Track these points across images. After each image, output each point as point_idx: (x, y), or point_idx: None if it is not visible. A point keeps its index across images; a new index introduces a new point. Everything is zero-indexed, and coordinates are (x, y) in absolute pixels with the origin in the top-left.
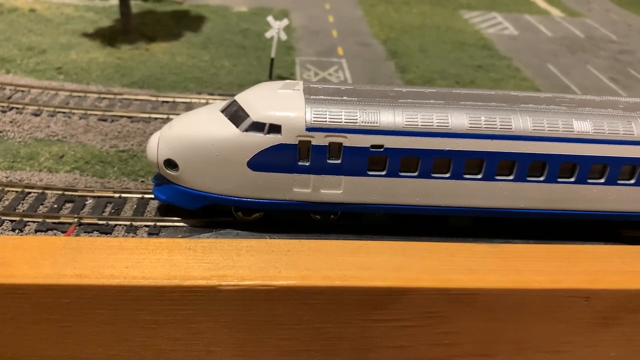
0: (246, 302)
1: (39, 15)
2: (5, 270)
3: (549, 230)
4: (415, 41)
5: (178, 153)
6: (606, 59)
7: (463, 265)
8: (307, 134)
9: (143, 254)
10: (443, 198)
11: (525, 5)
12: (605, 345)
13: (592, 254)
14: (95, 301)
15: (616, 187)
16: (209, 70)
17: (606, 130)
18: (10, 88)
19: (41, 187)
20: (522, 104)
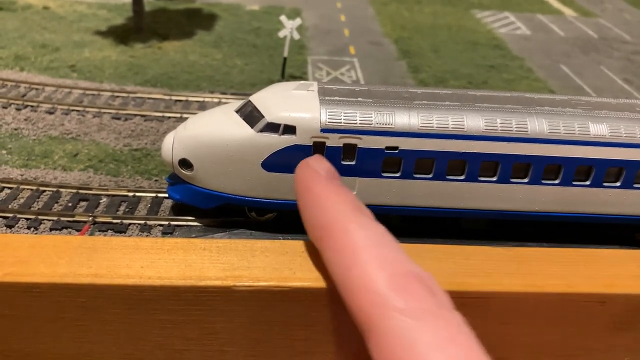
0: (260, 303)
1: (52, 13)
2: (22, 269)
3: (563, 233)
4: (427, 41)
5: (193, 153)
6: (620, 59)
7: (478, 268)
8: (321, 135)
9: (159, 254)
10: (457, 200)
11: (538, 4)
12: (620, 350)
13: (608, 258)
14: (111, 300)
15: (632, 190)
16: (222, 69)
17: (623, 133)
18: (24, 86)
19: (56, 186)
20: (538, 106)
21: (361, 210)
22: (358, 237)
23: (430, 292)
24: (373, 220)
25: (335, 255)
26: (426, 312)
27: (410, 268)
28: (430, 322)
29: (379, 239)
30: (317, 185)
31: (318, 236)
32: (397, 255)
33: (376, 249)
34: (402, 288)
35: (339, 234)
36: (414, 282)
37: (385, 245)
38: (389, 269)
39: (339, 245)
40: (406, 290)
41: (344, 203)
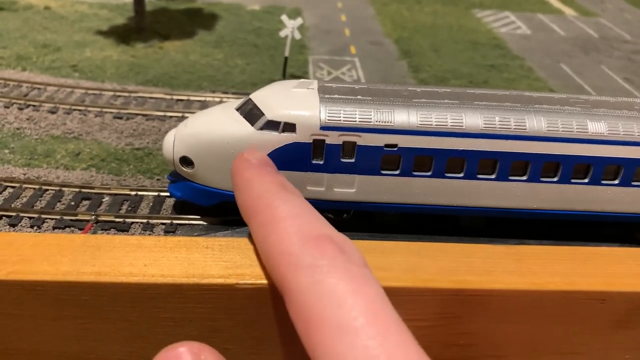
0: (263, 301)
1: (53, 13)
2: (26, 267)
3: (563, 231)
4: (427, 40)
5: (193, 151)
6: (620, 59)
7: (479, 266)
8: (321, 132)
9: (161, 252)
10: (456, 198)
11: (538, 4)
12: (620, 348)
13: (608, 256)
14: (114, 299)
15: (630, 188)
16: (223, 68)
17: (621, 132)
18: (26, 85)
19: (58, 185)
20: (537, 104)
21: (286, 188)
22: (278, 210)
23: (340, 251)
24: (298, 196)
25: (259, 228)
26: (334, 267)
27: (323, 231)
28: (337, 276)
29: (299, 211)
30: (247, 170)
31: (247, 216)
32: (314, 223)
33: (295, 219)
34: (312, 248)
35: (263, 208)
36: (325, 242)
37: (303, 216)
38: (302, 233)
39: (263, 219)
40: (316, 249)
41: (270, 183)
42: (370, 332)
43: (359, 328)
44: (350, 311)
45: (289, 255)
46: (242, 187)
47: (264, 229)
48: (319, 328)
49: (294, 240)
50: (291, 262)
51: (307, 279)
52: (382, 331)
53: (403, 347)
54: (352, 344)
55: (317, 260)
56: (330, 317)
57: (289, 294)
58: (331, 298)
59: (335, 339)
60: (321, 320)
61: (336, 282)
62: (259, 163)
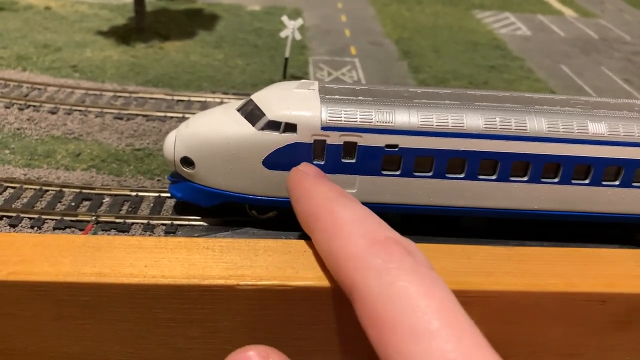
0: (263, 302)
1: (54, 13)
2: (26, 268)
3: (564, 232)
4: (427, 41)
5: (194, 151)
6: (620, 60)
7: (479, 267)
8: (322, 133)
9: (162, 253)
10: (457, 198)
11: (538, 5)
12: (620, 349)
13: (608, 258)
14: (114, 299)
15: (631, 189)
16: (223, 69)
17: (621, 132)
18: (27, 85)
19: (59, 185)
20: (537, 105)
21: (345, 195)
22: (341, 215)
23: (407, 253)
24: (357, 202)
25: (323, 234)
26: (403, 270)
27: (389, 234)
28: (407, 278)
29: (361, 216)
30: (305, 181)
31: (309, 224)
32: (378, 226)
33: (358, 222)
34: (380, 250)
35: (325, 215)
36: (392, 245)
37: (367, 220)
38: (368, 236)
39: (326, 225)
40: (384, 252)
41: (328, 191)
42: (446, 335)
43: (434, 331)
44: (423, 314)
45: (356, 258)
46: (302, 197)
47: (327, 234)
48: (392, 331)
49: (361, 244)
50: (359, 265)
51: (376, 282)
52: (457, 334)
53: (479, 349)
54: (428, 347)
55: (385, 263)
56: (403, 320)
57: (359, 296)
58: (403, 301)
59: (410, 342)
60: (394, 323)
61: (407, 285)
62: (315, 174)
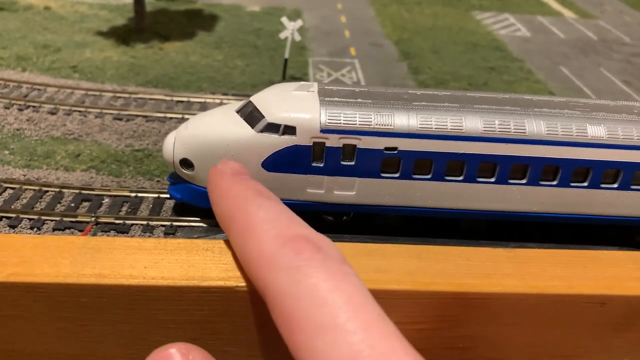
0: (262, 304)
1: (53, 13)
2: (26, 269)
3: (563, 234)
4: (427, 42)
5: (194, 152)
6: (619, 61)
7: (479, 269)
8: (321, 135)
9: (162, 254)
10: (456, 200)
11: (538, 6)
12: (619, 351)
13: (608, 260)
14: (114, 301)
15: (629, 192)
16: (222, 70)
17: (620, 135)
18: (26, 86)
19: (58, 186)
20: (536, 108)
21: (262, 194)
22: (254, 216)
23: (317, 250)
24: (275, 201)
25: (237, 236)
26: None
27: (300, 232)
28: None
29: (275, 215)
30: (221, 181)
31: (225, 226)
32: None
33: (270, 222)
34: (290, 249)
35: (240, 216)
36: (302, 242)
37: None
38: (279, 235)
39: (239, 227)
40: (292, 250)
41: (245, 190)
42: (352, 327)
43: (340, 325)
44: (331, 309)
45: (266, 258)
46: (218, 198)
47: (242, 236)
48: (301, 329)
49: (272, 243)
50: (269, 265)
51: (286, 280)
52: (364, 326)
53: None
54: (335, 341)
55: (294, 261)
56: (312, 316)
57: (270, 297)
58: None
59: (318, 338)
60: (303, 321)
61: (315, 282)
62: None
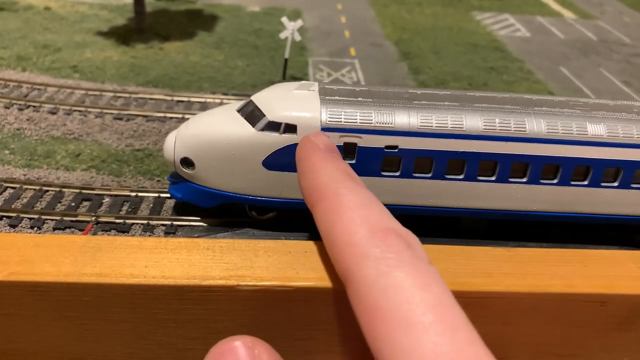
0: (264, 303)
1: (53, 13)
2: (27, 268)
3: (563, 233)
4: (427, 42)
5: (194, 152)
6: (619, 62)
7: (479, 268)
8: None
9: (162, 253)
10: (456, 199)
11: (538, 7)
12: (620, 350)
13: (608, 259)
14: (115, 300)
15: (629, 190)
16: (223, 70)
17: (620, 134)
18: (27, 86)
19: (58, 185)
20: (536, 106)
21: (352, 177)
22: (345, 199)
23: (406, 245)
24: (363, 187)
25: (324, 215)
26: (400, 261)
27: (390, 225)
28: (404, 270)
29: (365, 202)
30: (314, 155)
31: (312, 199)
32: (380, 215)
33: (361, 209)
34: (380, 240)
35: (330, 196)
36: (392, 235)
37: (370, 207)
38: (370, 224)
39: (329, 206)
40: (383, 242)
41: (337, 170)
42: (439, 328)
43: (427, 324)
44: (417, 307)
45: (355, 245)
46: (308, 172)
47: (330, 216)
48: (384, 321)
49: (361, 231)
50: (357, 252)
51: (373, 271)
52: (450, 328)
53: (472, 345)
54: (420, 339)
55: (384, 253)
56: (397, 310)
57: (353, 284)
58: (398, 291)
59: (402, 333)
60: (387, 314)
61: (404, 277)
62: (326, 148)
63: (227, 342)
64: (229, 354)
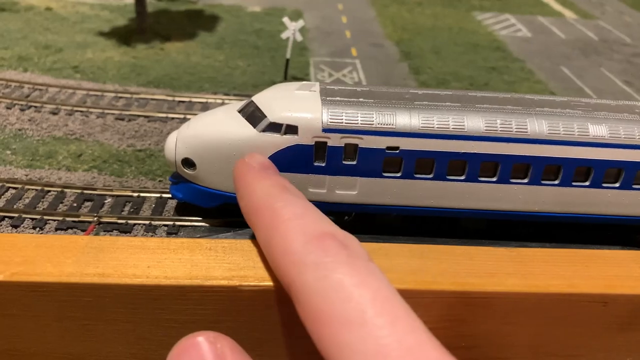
0: (265, 303)
1: (55, 14)
2: (29, 268)
3: (565, 234)
4: (428, 42)
5: (195, 152)
6: (620, 62)
7: (481, 268)
8: (323, 134)
9: (165, 253)
10: (457, 200)
11: (539, 7)
12: (621, 350)
13: (610, 259)
14: (117, 300)
15: (631, 191)
16: (224, 70)
17: (622, 135)
18: (28, 86)
19: (60, 186)
20: (538, 107)
21: (288, 190)
22: (281, 212)
23: (342, 246)
24: (301, 197)
25: (262, 232)
26: (337, 263)
27: (326, 229)
28: (342, 271)
29: (301, 212)
30: (247, 175)
31: (251, 220)
32: (316, 222)
33: (297, 219)
34: (315, 246)
35: (266, 211)
36: (328, 239)
37: (306, 216)
38: (305, 232)
39: (266, 221)
40: (319, 248)
41: (271, 186)
42: (379, 322)
43: (367, 319)
44: (357, 304)
45: (292, 254)
46: (244, 192)
47: (267, 231)
48: (327, 323)
49: (298, 240)
50: (295, 261)
51: (312, 276)
52: (390, 320)
53: (413, 333)
54: (363, 335)
55: (320, 258)
56: (338, 311)
57: (296, 292)
58: (337, 292)
59: (345, 332)
60: (329, 315)
61: (341, 277)
62: (260, 167)
63: (189, 338)
64: (192, 349)
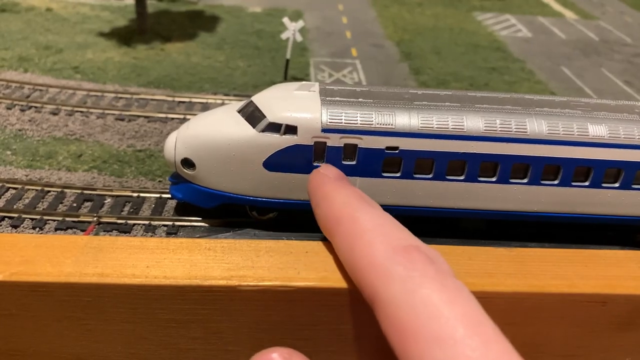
0: (265, 303)
1: (55, 15)
2: (28, 268)
3: (564, 234)
4: (428, 43)
5: (195, 152)
6: (621, 62)
7: (480, 268)
8: (322, 135)
9: (164, 253)
10: (457, 200)
11: (539, 7)
12: (620, 350)
13: (609, 259)
14: (116, 300)
15: (631, 191)
16: (224, 70)
17: (621, 135)
18: (28, 87)
19: (60, 186)
20: (537, 107)
21: (366, 201)
22: (362, 221)
23: (430, 261)
24: (378, 208)
25: (343, 240)
26: (425, 278)
27: (411, 242)
28: (430, 286)
29: (382, 222)
30: (325, 185)
31: (329, 228)
32: (399, 233)
33: (379, 229)
34: (402, 258)
35: (347, 221)
36: (414, 253)
37: (388, 227)
38: (390, 244)
39: (347, 230)
40: (406, 260)
41: (349, 196)
42: (472, 343)
43: (458, 339)
44: (447, 321)
45: (378, 266)
46: (322, 201)
47: (348, 240)
48: (415, 339)
49: (381, 252)
50: (381, 273)
51: (399, 290)
52: (483, 341)
53: (506, 357)
54: (453, 354)
55: (408, 271)
56: (427, 327)
57: (381, 305)
58: (426, 308)
59: (435, 350)
60: (417, 331)
61: (430, 293)
62: (336, 177)
63: (264, 354)
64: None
